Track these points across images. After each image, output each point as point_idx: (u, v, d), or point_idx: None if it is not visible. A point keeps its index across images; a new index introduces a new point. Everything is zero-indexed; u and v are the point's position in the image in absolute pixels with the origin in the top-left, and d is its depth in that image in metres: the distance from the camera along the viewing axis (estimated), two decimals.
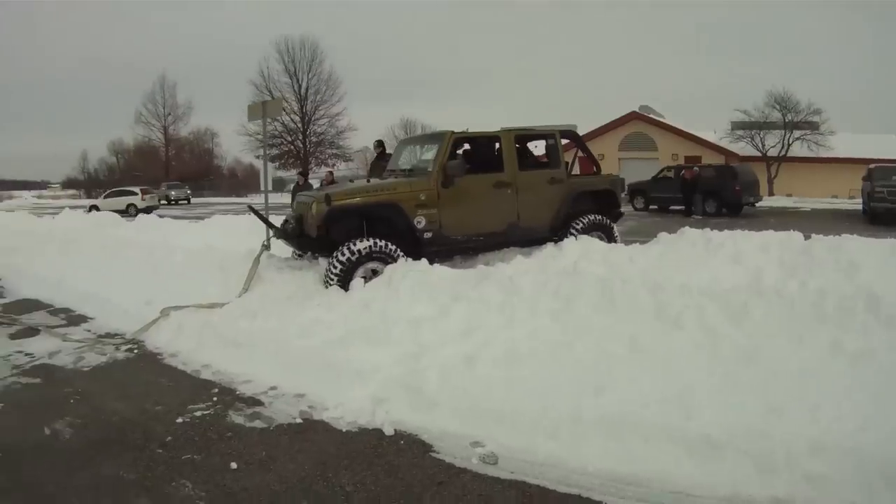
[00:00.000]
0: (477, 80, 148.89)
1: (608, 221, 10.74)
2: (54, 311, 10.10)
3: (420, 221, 9.12)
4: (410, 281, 7.65)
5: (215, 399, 5.93)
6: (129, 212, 37.79)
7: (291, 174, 54.80)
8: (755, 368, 5.05)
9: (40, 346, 8.02)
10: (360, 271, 8.43)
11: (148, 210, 37.44)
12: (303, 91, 60.73)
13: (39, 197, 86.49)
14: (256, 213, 9.78)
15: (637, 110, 46.52)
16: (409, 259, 8.53)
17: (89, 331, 8.63)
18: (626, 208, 27.09)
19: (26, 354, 7.75)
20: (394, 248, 8.64)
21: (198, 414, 5.59)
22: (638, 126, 45.58)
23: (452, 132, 9.81)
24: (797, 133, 40.90)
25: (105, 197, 45.15)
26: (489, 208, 9.70)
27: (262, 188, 16.34)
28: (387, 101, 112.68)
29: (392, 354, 6.20)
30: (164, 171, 76.39)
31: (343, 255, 8.40)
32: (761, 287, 6.27)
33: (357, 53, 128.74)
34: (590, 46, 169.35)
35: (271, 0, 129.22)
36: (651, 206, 29.50)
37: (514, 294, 6.90)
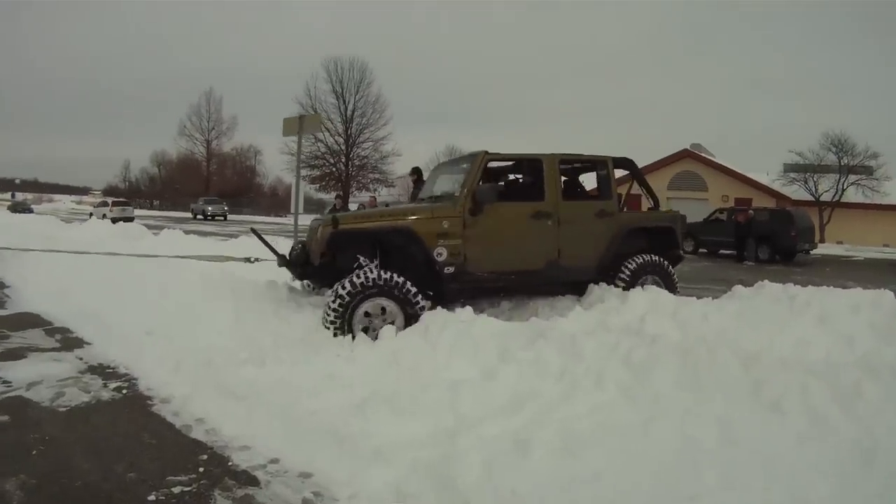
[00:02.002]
0: (526, 112, 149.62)
1: (666, 264, 9.52)
2: (51, 331, 9.28)
3: (441, 253, 8.11)
4: (451, 333, 6.73)
5: (202, 470, 4.89)
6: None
7: (332, 197, 54.53)
8: (876, 472, 4.07)
9: (22, 374, 7.14)
10: (363, 308, 7.48)
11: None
12: (349, 113, 60.66)
13: (79, 202, 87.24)
14: (259, 236, 8.97)
15: (689, 148, 45.60)
16: (420, 297, 7.72)
17: (81, 359, 7.73)
18: None
19: (3, 382, 6.89)
20: (403, 281, 7.59)
21: (175, 490, 4.56)
22: (689, 164, 45.00)
23: (486, 152, 8.83)
24: (852, 177, 40.28)
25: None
26: (525, 242, 8.65)
27: (293, 208, 15.56)
28: (433, 127, 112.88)
29: (422, 428, 5.22)
30: (204, 186, 76.70)
31: (343, 288, 7.43)
32: (872, 362, 5.33)
33: (405, 77, 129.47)
34: (643, 83, 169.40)
35: (324, 21, 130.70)
36: (701, 250, 28.56)
37: (576, 358, 5.89)
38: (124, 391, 6.71)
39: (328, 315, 7.46)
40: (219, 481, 4.74)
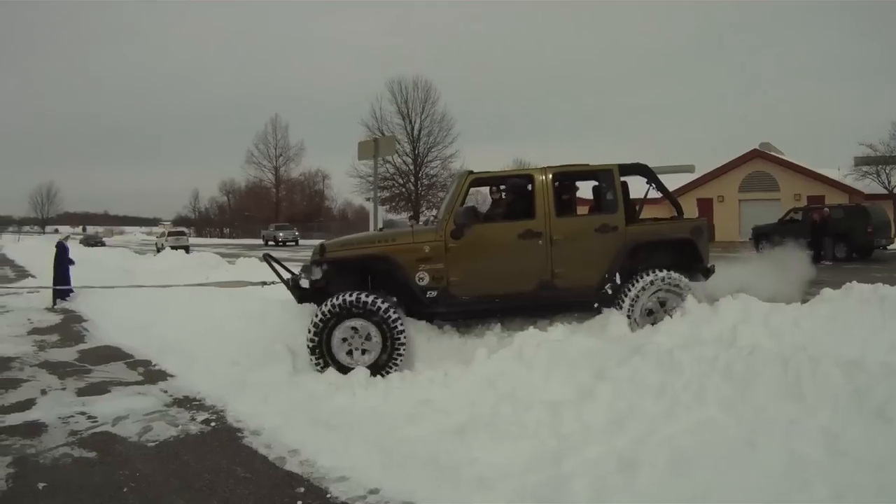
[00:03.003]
0: (594, 120, 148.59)
1: (678, 281, 8.38)
2: (132, 364, 9.32)
3: (422, 278, 8.01)
4: (545, 353, 6.61)
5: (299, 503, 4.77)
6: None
7: (404, 217, 54.71)
8: None
9: (107, 409, 7.12)
10: (340, 332, 7.57)
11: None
12: (415, 132, 60.91)
13: (149, 233, 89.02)
14: (269, 262, 8.83)
15: (758, 148, 44.76)
16: (398, 319, 7.64)
17: (166, 391, 7.70)
18: (751, 253, 25.63)
19: (89, 418, 6.89)
20: (373, 300, 7.55)
21: None
22: (759, 165, 44.01)
23: (470, 172, 8.64)
24: None
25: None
26: (512, 264, 8.25)
27: (371, 229, 15.57)
28: (501, 141, 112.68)
29: (525, 451, 5.09)
30: (274, 212, 77.71)
31: (317, 314, 7.63)
32: None
33: (472, 92, 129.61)
34: (708, 84, 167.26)
35: (386, 42, 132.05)
36: None
37: (674, 374, 5.72)
38: (213, 423, 6.62)
39: (308, 341, 7.61)
40: None
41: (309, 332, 7.58)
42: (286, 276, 8.87)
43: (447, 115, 61.08)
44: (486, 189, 9.68)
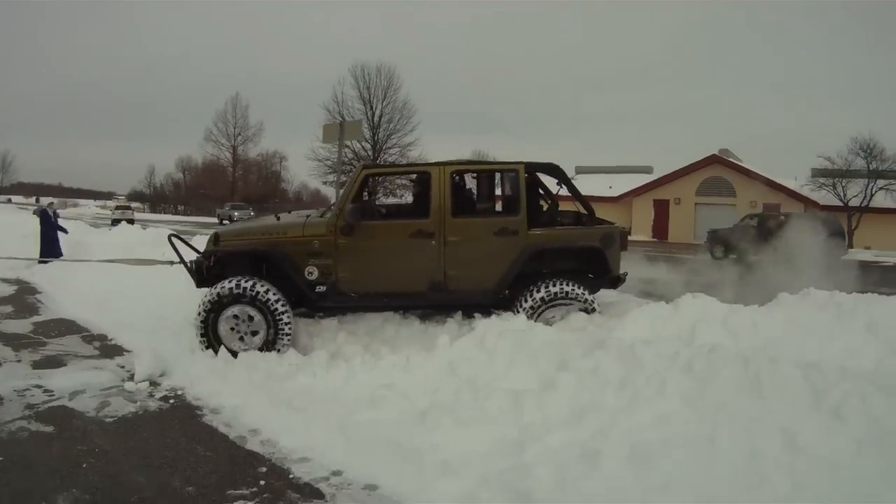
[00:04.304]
0: (553, 117, 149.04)
1: (582, 291, 8.05)
2: (89, 338, 9.21)
3: (311, 272, 7.95)
4: (507, 342, 6.59)
5: (262, 483, 4.76)
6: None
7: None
8: None
9: (64, 382, 7.06)
10: (225, 317, 7.64)
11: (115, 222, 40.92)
12: (376, 118, 60.34)
13: (103, 207, 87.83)
14: (172, 243, 8.59)
15: (717, 153, 45.47)
16: (283, 307, 7.68)
17: (123, 367, 7.62)
18: (703, 257, 25.93)
19: (45, 391, 6.82)
20: (264, 292, 7.61)
21: None
22: (717, 170, 44.71)
23: (364, 166, 8.58)
24: (881, 182, 39.62)
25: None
26: (402, 263, 8.07)
27: None
28: (460, 133, 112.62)
29: (488, 438, 5.12)
30: (230, 191, 77.06)
31: (203, 299, 7.74)
32: None
33: (432, 83, 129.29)
34: (669, 87, 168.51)
35: (349, 27, 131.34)
36: (731, 255, 27.94)
37: (636, 368, 5.73)
38: (171, 401, 6.60)
39: (198, 327, 7.70)
40: (282, 495, 4.61)
41: (197, 313, 7.70)
42: (195, 256, 8.72)
43: (409, 103, 60.74)
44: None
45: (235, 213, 58.36)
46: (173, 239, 8.56)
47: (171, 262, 9.22)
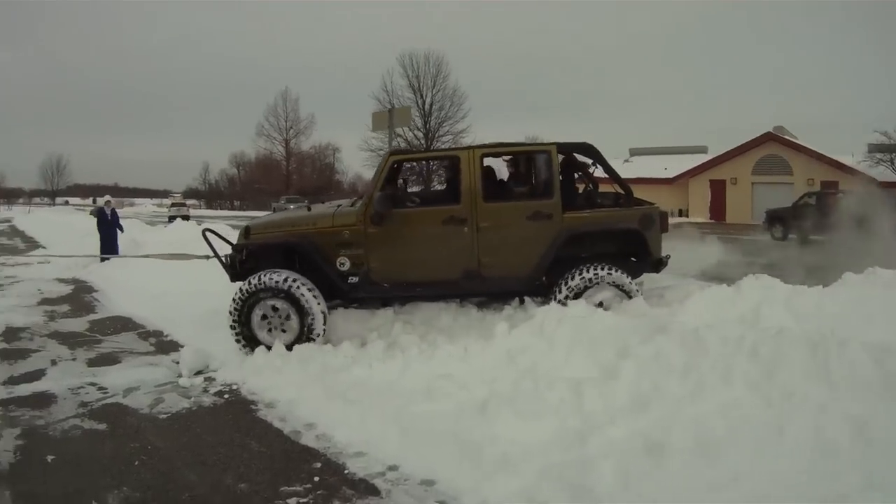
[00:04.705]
0: (606, 98, 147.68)
1: (619, 274, 7.71)
2: (144, 334, 9.26)
3: (343, 263, 7.87)
4: (567, 329, 6.38)
5: (316, 479, 4.65)
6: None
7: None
8: None
9: (118, 380, 7.06)
10: (259, 310, 7.61)
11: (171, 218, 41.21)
12: (427, 107, 60.54)
13: (159, 205, 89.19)
14: (207, 239, 8.61)
15: (772, 131, 44.50)
16: (314, 300, 7.59)
17: (177, 362, 7.53)
18: (763, 237, 25.37)
19: (99, 389, 6.84)
20: (290, 283, 7.54)
21: (291, 502, 4.32)
22: (772, 148, 43.67)
23: (391, 153, 8.38)
24: None
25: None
26: (435, 251, 7.89)
27: None
28: (512, 118, 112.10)
29: (548, 430, 4.94)
30: (284, 185, 77.70)
31: (237, 293, 7.69)
32: None
33: (484, 68, 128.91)
34: (722, 65, 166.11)
35: (397, 15, 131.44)
36: (790, 235, 27.30)
37: (699, 353, 5.49)
38: (226, 396, 6.54)
39: (229, 319, 7.66)
40: (336, 491, 4.48)
41: (231, 307, 7.65)
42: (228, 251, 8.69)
43: (459, 89, 60.65)
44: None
45: (291, 207, 58.86)
46: (208, 234, 8.56)
47: (207, 257, 9.18)
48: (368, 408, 5.64)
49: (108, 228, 17.38)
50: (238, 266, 8.27)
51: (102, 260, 16.36)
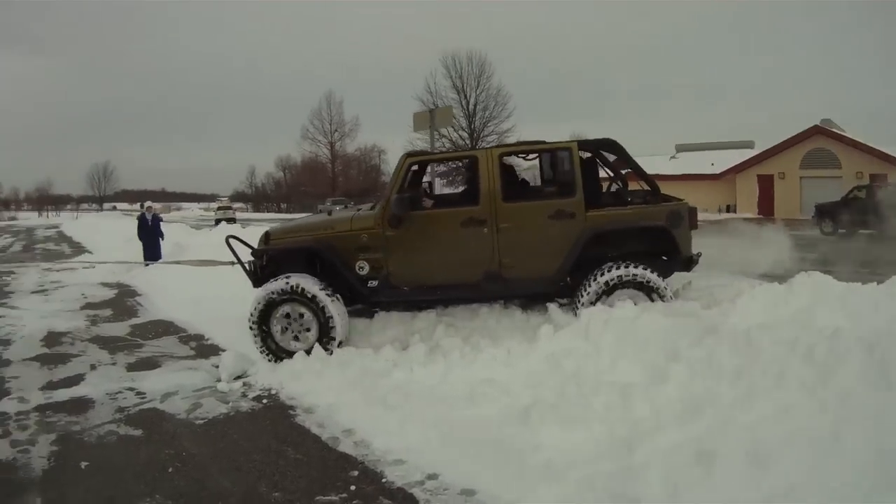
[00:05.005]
0: (649, 96, 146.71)
1: (647, 275, 7.39)
2: (185, 338, 9.26)
3: (363, 267, 7.79)
4: (613, 332, 6.16)
5: (353, 488, 4.51)
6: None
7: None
8: None
9: (156, 384, 7.03)
10: (278, 314, 7.58)
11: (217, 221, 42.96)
12: (471, 107, 60.31)
13: (206, 209, 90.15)
14: (230, 245, 8.49)
15: (819, 124, 43.42)
16: (330, 304, 7.48)
17: (217, 367, 7.48)
18: (812, 232, 24.87)
19: (137, 394, 6.80)
20: (305, 287, 7.46)
21: None
22: (820, 142, 42.54)
23: (407, 154, 8.22)
24: None
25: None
26: (454, 253, 7.74)
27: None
28: (558, 117, 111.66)
29: (593, 438, 4.76)
30: (330, 187, 78.17)
31: (256, 297, 7.69)
32: None
33: (527, 68, 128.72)
34: (767, 60, 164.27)
35: (439, 16, 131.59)
36: (840, 230, 26.69)
37: (751, 356, 5.24)
38: (264, 401, 6.45)
39: (251, 321, 7.61)
40: (373, 501, 4.35)
41: (251, 311, 7.62)
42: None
43: (502, 89, 60.45)
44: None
45: (337, 208, 59.27)
46: (231, 241, 8.51)
47: (232, 263, 9.13)
48: (409, 413, 5.51)
49: (149, 234, 17.48)
50: (259, 272, 8.26)
51: (146, 265, 16.48)
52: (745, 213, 42.80)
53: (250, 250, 8.52)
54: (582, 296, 7.44)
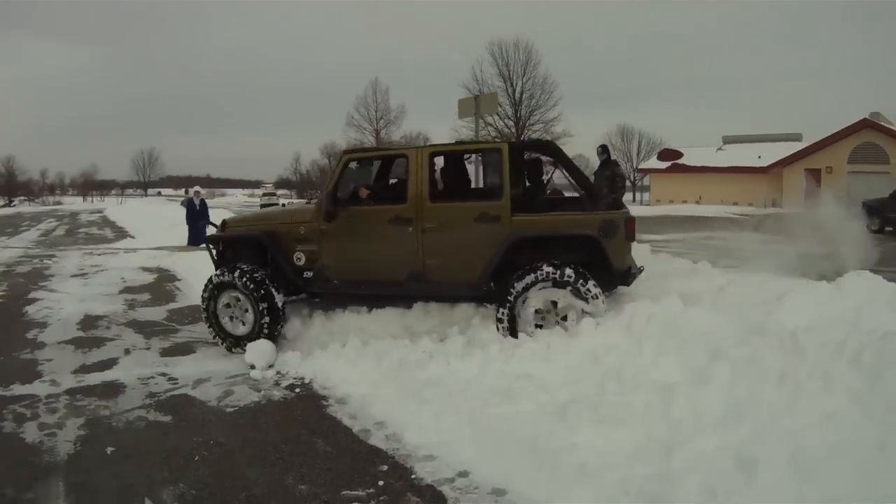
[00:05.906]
0: (698, 87, 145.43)
1: (578, 283, 6.90)
2: None
3: (299, 258, 8.10)
4: (657, 327, 5.98)
5: (381, 484, 4.44)
6: None
7: None
8: None
9: (188, 370, 7.08)
10: (222, 301, 8.06)
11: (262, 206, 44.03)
12: (517, 95, 59.89)
13: (250, 196, 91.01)
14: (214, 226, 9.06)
15: (868, 117, 42.49)
16: (267, 291, 7.87)
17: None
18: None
19: (169, 379, 6.83)
20: (250, 278, 7.86)
21: None
22: (869, 136, 41.75)
23: (345, 151, 8.35)
24: None
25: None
26: (381, 251, 7.77)
27: None
28: (606, 107, 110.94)
29: (632, 438, 4.60)
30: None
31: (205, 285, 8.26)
32: None
33: (575, 56, 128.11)
34: (816, 51, 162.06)
35: (486, 4, 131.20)
36: (887, 228, 26.00)
37: (797, 358, 5.05)
38: (297, 390, 6.43)
39: (202, 313, 8.24)
40: (400, 497, 4.27)
41: (202, 295, 8.20)
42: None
43: (549, 77, 60.04)
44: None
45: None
46: (209, 227, 8.98)
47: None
48: (443, 408, 5.42)
49: (198, 219, 17.60)
50: (216, 258, 8.78)
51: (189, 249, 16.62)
52: (793, 207, 42.14)
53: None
54: (507, 301, 7.08)
